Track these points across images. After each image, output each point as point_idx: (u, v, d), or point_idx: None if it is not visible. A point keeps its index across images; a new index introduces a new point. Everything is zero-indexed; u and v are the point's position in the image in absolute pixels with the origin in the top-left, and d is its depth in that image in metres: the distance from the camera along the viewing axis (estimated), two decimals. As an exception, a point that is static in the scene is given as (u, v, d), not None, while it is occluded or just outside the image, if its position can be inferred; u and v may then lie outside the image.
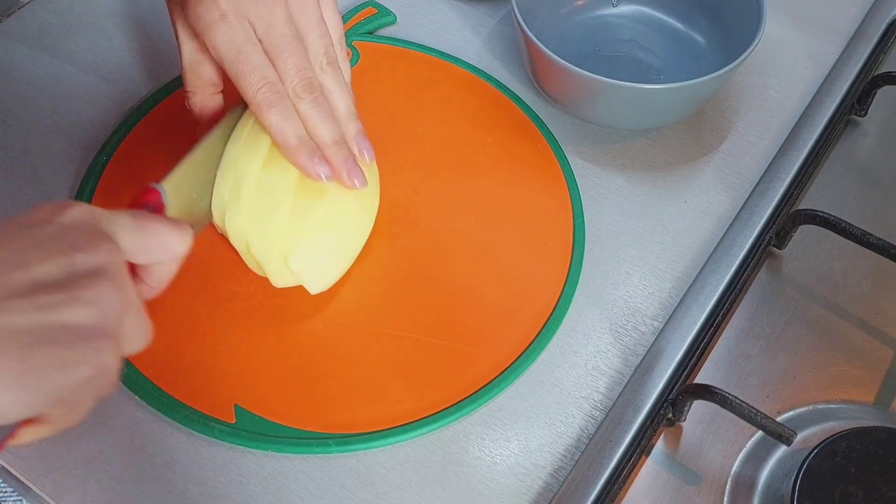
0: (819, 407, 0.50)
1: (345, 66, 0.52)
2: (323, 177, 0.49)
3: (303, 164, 0.49)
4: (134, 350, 0.38)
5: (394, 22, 0.70)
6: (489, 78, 0.66)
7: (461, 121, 0.63)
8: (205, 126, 0.53)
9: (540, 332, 0.53)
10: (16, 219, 0.35)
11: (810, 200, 0.60)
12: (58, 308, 0.32)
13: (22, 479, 0.47)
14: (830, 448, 0.46)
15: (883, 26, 0.69)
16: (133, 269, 0.39)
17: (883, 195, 0.60)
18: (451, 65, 0.66)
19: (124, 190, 0.58)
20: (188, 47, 0.51)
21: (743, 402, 0.46)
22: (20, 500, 0.50)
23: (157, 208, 0.43)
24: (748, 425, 0.47)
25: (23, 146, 0.61)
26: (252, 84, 0.47)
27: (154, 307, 0.53)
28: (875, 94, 0.64)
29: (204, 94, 0.53)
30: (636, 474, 0.48)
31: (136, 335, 0.38)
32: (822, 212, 0.54)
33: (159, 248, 0.39)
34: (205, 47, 0.49)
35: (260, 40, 0.47)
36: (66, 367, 0.32)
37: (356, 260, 0.55)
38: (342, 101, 0.51)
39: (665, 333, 0.53)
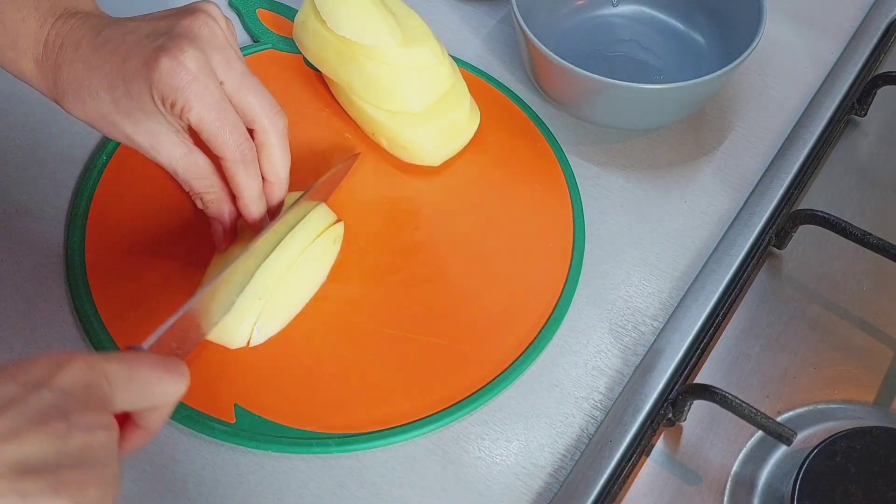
0: (819, 407, 0.50)
1: None
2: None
3: (252, 217, 0.50)
4: None
5: (394, 22, 0.70)
6: (489, 78, 0.66)
7: (461, 121, 0.63)
8: (229, 234, 0.52)
9: (540, 332, 0.53)
10: (11, 371, 0.33)
11: (810, 200, 0.60)
12: (37, 498, 0.31)
13: (22, 479, 0.47)
14: (830, 448, 0.46)
15: (883, 26, 0.69)
16: (126, 416, 0.38)
17: (883, 195, 0.60)
18: (451, 65, 0.66)
19: (124, 190, 0.58)
20: (169, 143, 0.48)
21: (743, 402, 0.46)
22: (20, 500, 0.50)
23: None
24: (748, 425, 0.47)
25: (23, 146, 0.61)
26: (232, 141, 0.47)
27: (154, 307, 0.53)
28: (875, 94, 0.64)
29: (218, 193, 0.50)
30: (636, 474, 0.48)
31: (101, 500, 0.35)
32: (822, 212, 0.54)
33: (152, 397, 0.37)
34: (182, 133, 0.48)
35: (229, 96, 0.47)
36: None
37: (356, 259, 0.55)
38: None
39: (665, 333, 0.53)
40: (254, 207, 0.50)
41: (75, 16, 0.48)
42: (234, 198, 0.50)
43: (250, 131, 0.49)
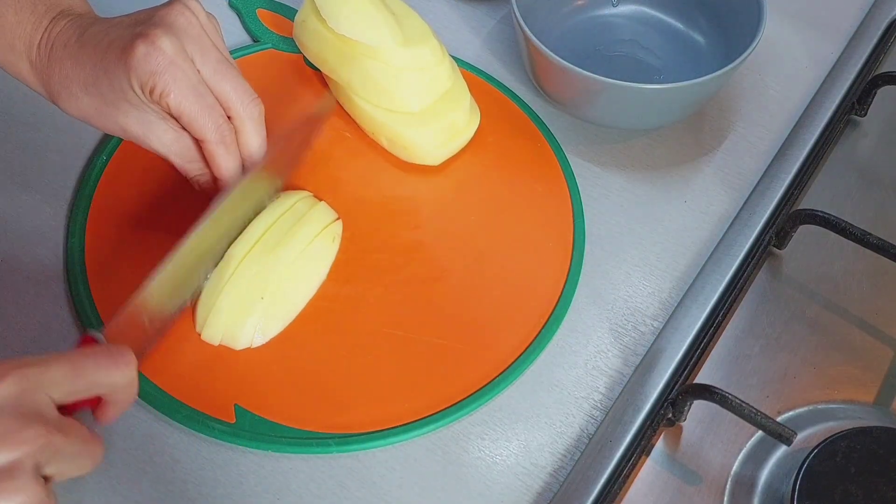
0: (819, 407, 0.50)
1: None
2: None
3: (227, 184, 0.51)
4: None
5: (394, 22, 0.70)
6: (489, 78, 0.66)
7: (461, 121, 0.63)
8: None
9: (540, 332, 0.53)
10: None
11: (810, 200, 0.60)
12: None
13: (22, 479, 0.47)
14: (830, 448, 0.46)
15: (883, 26, 0.69)
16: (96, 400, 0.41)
17: (883, 195, 0.60)
18: (451, 65, 0.66)
19: (124, 190, 0.58)
20: (159, 129, 0.49)
21: (743, 402, 0.46)
22: (20, 500, 0.50)
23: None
24: (748, 425, 0.47)
25: (23, 146, 0.61)
26: (211, 123, 0.48)
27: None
28: (875, 94, 0.64)
29: (210, 174, 0.52)
30: (636, 474, 0.48)
31: (77, 470, 0.38)
32: (822, 212, 0.54)
33: (101, 386, 0.39)
34: (169, 119, 0.48)
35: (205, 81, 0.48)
36: None
37: (355, 258, 0.55)
38: None
39: (665, 333, 0.53)
40: (229, 182, 0.51)
41: (67, 17, 0.49)
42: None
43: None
